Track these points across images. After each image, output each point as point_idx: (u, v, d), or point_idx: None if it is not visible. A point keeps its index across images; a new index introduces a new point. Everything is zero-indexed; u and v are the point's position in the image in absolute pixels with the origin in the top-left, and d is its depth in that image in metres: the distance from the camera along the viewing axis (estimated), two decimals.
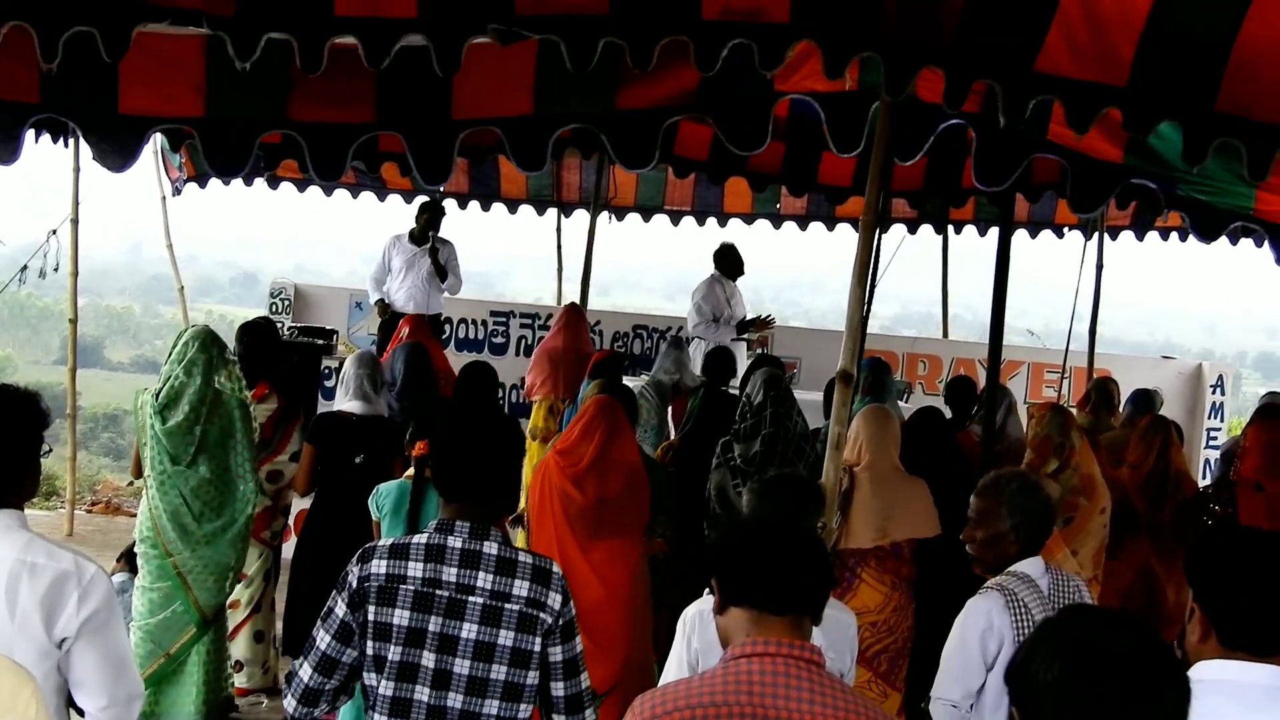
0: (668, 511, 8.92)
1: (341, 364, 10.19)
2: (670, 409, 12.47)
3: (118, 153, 8.08)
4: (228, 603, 9.15)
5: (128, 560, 9.46)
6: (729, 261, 15.96)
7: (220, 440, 8.60)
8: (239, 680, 9.57)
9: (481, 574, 4.80)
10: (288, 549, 9.99)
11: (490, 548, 4.85)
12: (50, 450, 4.97)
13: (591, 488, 8.37)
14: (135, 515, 9.13)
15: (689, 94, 8.27)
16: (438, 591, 4.77)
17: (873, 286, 8.07)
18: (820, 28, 5.97)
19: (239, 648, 9.60)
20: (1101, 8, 5.86)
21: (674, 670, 5.92)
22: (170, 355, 8.77)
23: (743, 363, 13.97)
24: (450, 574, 4.79)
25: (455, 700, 4.76)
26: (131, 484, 16.31)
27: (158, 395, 8.53)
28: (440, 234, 15.56)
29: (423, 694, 4.75)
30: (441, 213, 15.69)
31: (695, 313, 15.78)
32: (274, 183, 15.24)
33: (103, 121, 7.94)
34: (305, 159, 8.19)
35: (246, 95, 7.96)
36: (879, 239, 8.23)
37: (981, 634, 5.78)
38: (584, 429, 8.49)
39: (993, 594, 5.82)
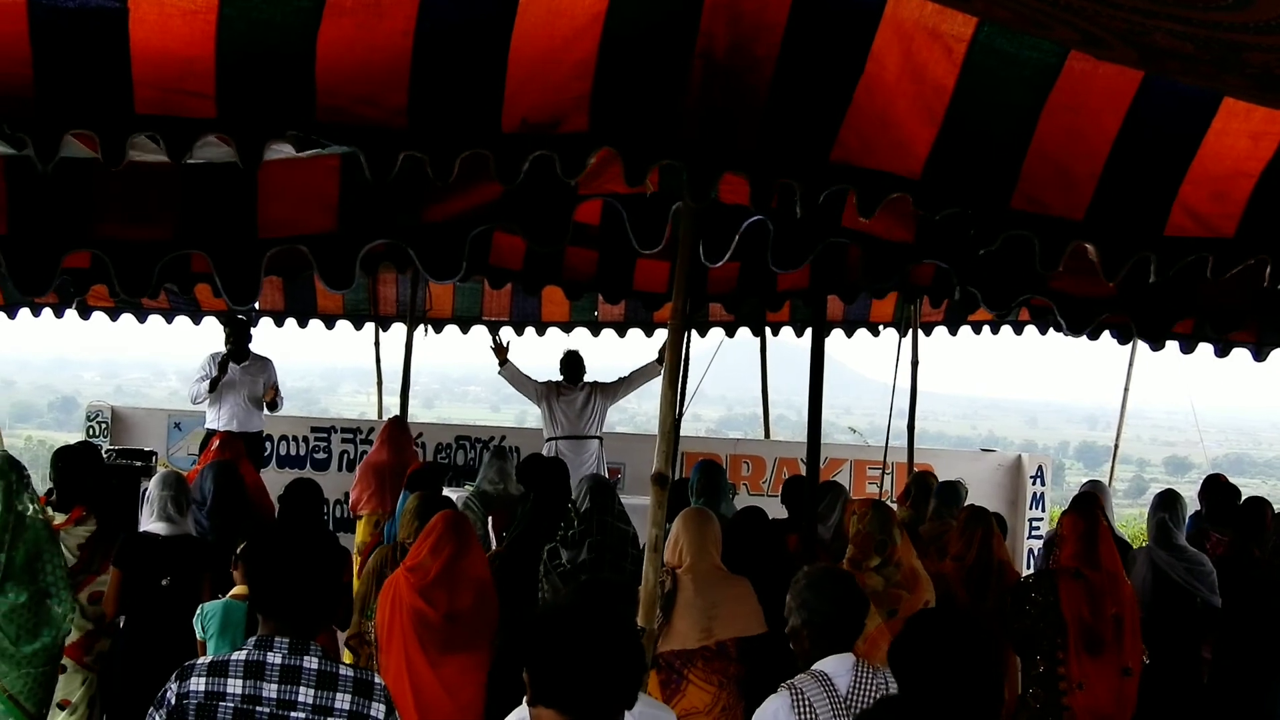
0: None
1: None
2: (491, 520, 12.45)
3: None
4: None
5: None
6: (566, 366, 16.03)
7: (27, 564, 8.44)
8: None
9: (303, 689, 4.75)
10: None
11: (310, 662, 4.81)
12: None
13: (441, 602, 8.34)
14: None
15: (493, 203, 8.30)
16: (258, 708, 4.72)
17: (683, 389, 8.13)
18: (620, 137, 6.01)
19: None
20: (895, 108, 5.97)
21: None
22: None
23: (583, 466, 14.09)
24: (270, 690, 4.74)
25: None
26: None
27: None
28: (255, 352, 15.44)
29: None
30: (246, 327, 15.55)
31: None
32: (85, 312, 15.05)
33: None
34: (111, 278, 8.08)
35: (50, 213, 7.88)
36: (689, 341, 8.29)
37: None
38: (433, 545, 8.46)
39: (782, 693, 5.99)
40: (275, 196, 8.02)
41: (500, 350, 15.85)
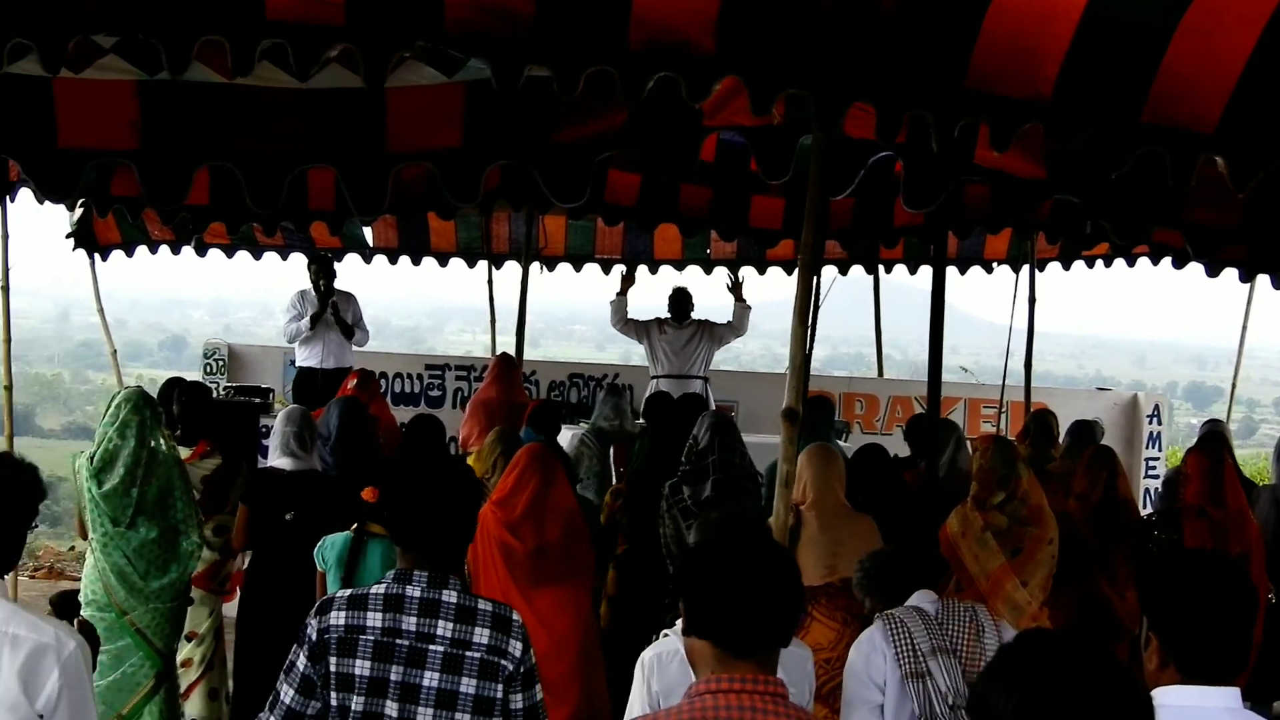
0: (604, 555, 8.95)
1: None
2: (612, 455, 12.46)
3: (58, 188, 8.29)
4: (180, 661, 9.14)
5: (56, 607, 9.36)
6: (672, 304, 15.98)
7: (159, 499, 8.56)
8: None
9: (442, 622, 4.78)
10: (231, 608, 9.93)
11: (449, 596, 4.83)
12: (38, 525, 4.94)
13: (529, 535, 8.36)
14: (78, 579, 9.06)
15: (619, 130, 8.28)
16: (398, 641, 4.74)
17: (813, 325, 8.08)
18: (746, 63, 5.96)
19: (194, 706, 9.50)
20: (1025, 30, 5.87)
21: (635, 714, 5.89)
22: (104, 418, 8.71)
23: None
24: (410, 623, 4.76)
25: None
26: (73, 548, 16.21)
27: (93, 459, 8.46)
28: (339, 287, 15.51)
29: None
30: (330, 264, 15.57)
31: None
32: (202, 250, 15.16)
33: (42, 157, 8.04)
34: (241, 189, 8.25)
35: (182, 130, 8.07)
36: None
37: (866, 655, 6.34)
38: (518, 478, 8.47)
39: (878, 622, 6.42)
40: (402, 115, 8.13)
41: (628, 279, 15.96)
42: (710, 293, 16.34)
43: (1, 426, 12.29)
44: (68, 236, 14.06)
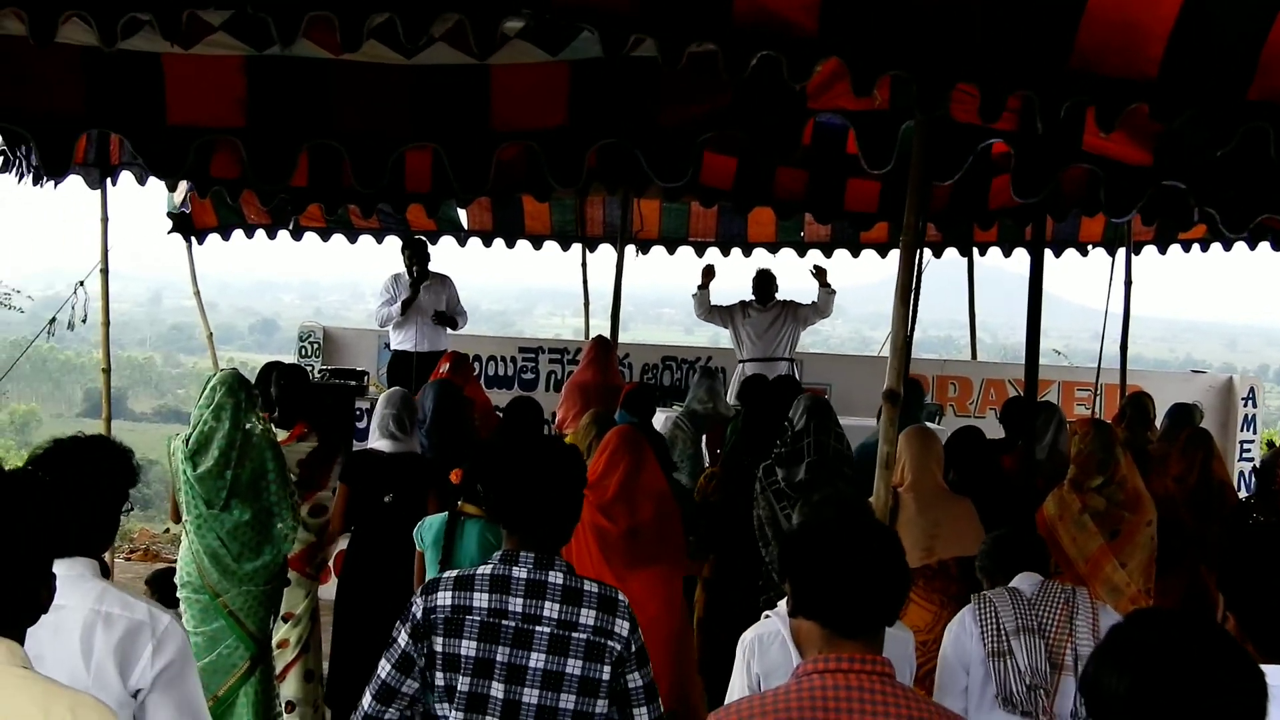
0: (698, 535, 8.96)
1: (374, 405, 10.24)
2: (705, 438, 12.47)
3: (167, 166, 8.44)
4: (276, 642, 9.20)
5: (154, 587, 9.48)
6: (756, 285, 15.97)
7: (253, 482, 8.59)
8: None
9: (548, 604, 4.80)
10: (327, 591, 10.02)
11: (555, 577, 4.86)
12: (132, 508, 5.01)
13: (622, 517, 8.34)
14: (173, 561, 9.14)
15: (723, 111, 8.30)
16: (504, 622, 4.77)
17: (915, 307, 8.06)
18: (848, 44, 5.95)
19: (289, 688, 9.55)
20: (1130, 6, 5.84)
21: (737, 696, 5.90)
22: (199, 401, 8.79)
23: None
24: (516, 604, 4.79)
25: None
26: (168, 530, 16.38)
27: (188, 441, 8.54)
28: (436, 270, 15.50)
29: None
30: (424, 248, 15.54)
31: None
32: (298, 233, 15.31)
33: (152, 134, 8.17)
34: (340, 170, 8.41)
35: (289, 108, 8.21)
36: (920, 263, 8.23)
37: (956, 636, 6.61)
38: (608, 460, 8.46)
39: (972, 602, 6.69)
40: (507, 94, 8.18)
41: (708, 273, 15.91)
42: (803, 276, 16.31)
43: (99, 409, 12.45)
44: (170, 218, 14.21)
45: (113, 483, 4.82)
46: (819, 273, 15.90)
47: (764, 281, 15.86)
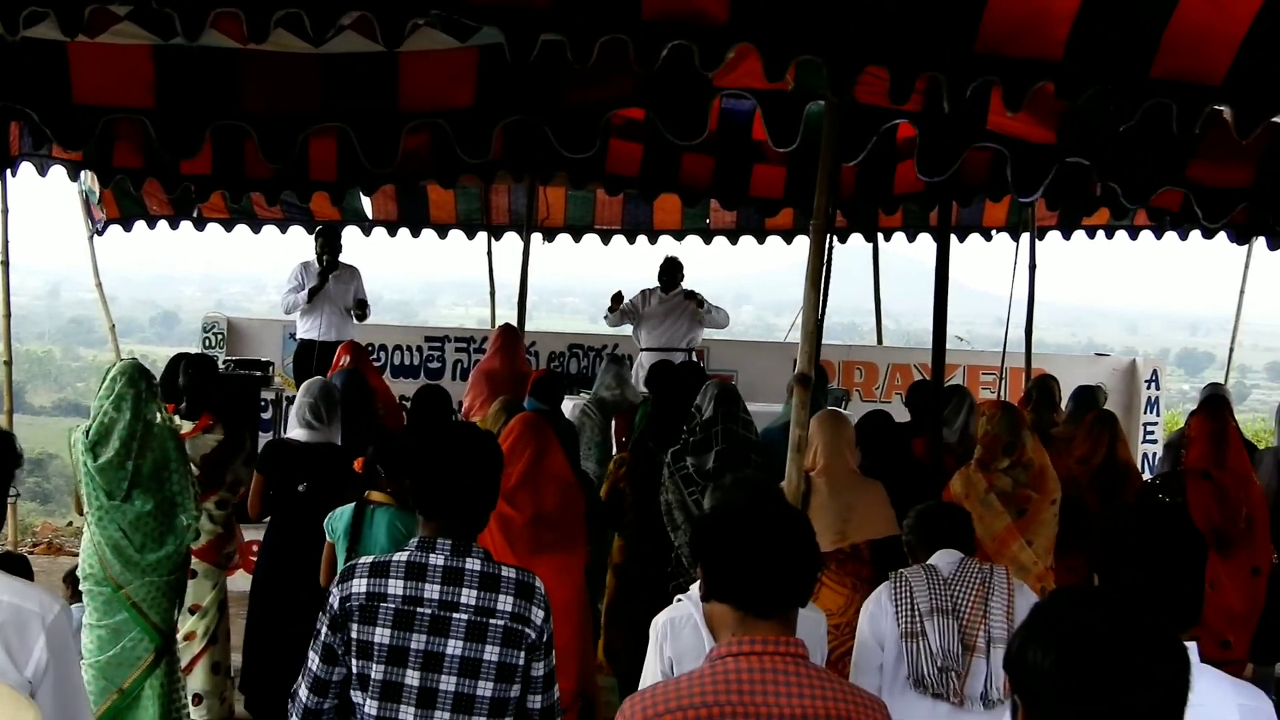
0: (598, 522, 8.99)
1: (278, 395, 10.20)
2: (613, 425, 12.49)
3: (74, 137, 8.49)
4: (183, 635, 9.15)
5: (73, 585, 9.39)
6: (662, 271, 16.03)
7: (155, 473, 8.49)
8: (197, 714, 9.44)
9: (465, 590, 4.76)
10: (236, 582, 9.94)
11: (473, 564, 4.83)
12: (19, 495, 4.92)
13: (526, 503, 8.35)
14: (77, 554, 9.05)
15: (629, 95, 8.34)
16: (419, 609, 4.72)
17: (826, 292, 8.08)
18: (759, 30, 5.96)
19: (197, 680, 9.50)
20: None
21: (650, 680, 5.89)
22: (99, 392, 8.68)
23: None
24: (433, 591, 4.75)
25: (442, 718, 4.72)
26: (70, 524, 16.21)
27: (88, 432, 8.44)
28: (344, 261, 15.39)
29: (408, 713, 4.72)
30: (337, 236, 15.46)
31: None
32: (200, 224, 15.20)
33: (57, 111, 8.18)
34: (244, 157, 8.42)
35: (197, 91, 8.23)
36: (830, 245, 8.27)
37: (872, 614, 6.61)
38: (511, 447, 8.43)
39: (888, 581, 6.67)
40: (415, 77, 8.27)
41: (618, 298, 16.02)
42: (704, 264, 16.38)
43: (0, 402, 12.30)
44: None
45: None
46: (697, 302, 15.94)
47: (670, 268, 15.95)
